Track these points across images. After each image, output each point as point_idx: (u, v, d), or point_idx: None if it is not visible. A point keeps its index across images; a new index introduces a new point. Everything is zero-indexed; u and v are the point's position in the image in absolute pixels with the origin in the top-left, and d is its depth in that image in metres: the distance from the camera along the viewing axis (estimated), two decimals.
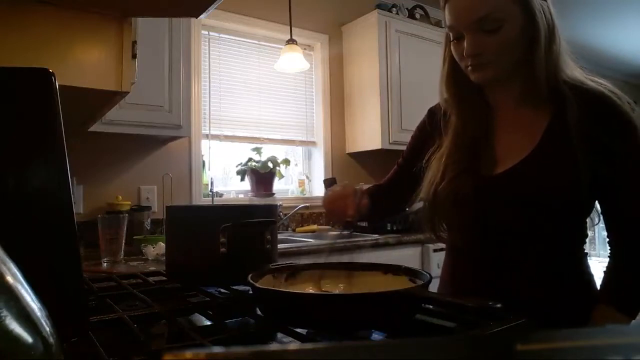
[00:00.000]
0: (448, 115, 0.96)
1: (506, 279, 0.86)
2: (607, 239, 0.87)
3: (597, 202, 0.87)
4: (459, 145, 0.90)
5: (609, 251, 0.87)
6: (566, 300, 0.85)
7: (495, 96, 0.93)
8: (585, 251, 0.91)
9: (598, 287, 0.89)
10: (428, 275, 0.67)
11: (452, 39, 0.89)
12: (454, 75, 0.93)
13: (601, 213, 0.87)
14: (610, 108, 0.82)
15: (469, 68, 0.87)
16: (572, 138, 0.81)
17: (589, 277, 0.89)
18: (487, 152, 0.89)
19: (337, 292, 0.74)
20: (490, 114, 0.93)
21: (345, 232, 1.01)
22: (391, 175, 1.13)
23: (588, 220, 0.89)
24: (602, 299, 0.84)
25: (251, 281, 0.65)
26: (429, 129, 1.02)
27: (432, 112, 1.04)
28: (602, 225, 0.91)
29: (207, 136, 2.59)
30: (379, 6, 2.92)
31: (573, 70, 0.87)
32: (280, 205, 2.64)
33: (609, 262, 0.86)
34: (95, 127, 1.88)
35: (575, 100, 0.82)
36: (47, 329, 0.30)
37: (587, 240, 0.91)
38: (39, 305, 0.30)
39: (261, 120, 2.81)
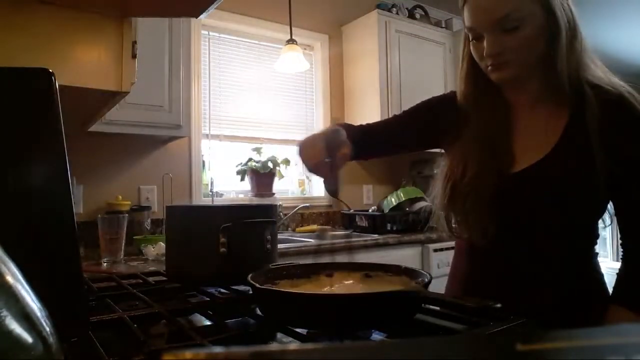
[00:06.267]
0: (466, 111, 0.94)
1: (520, 278, 0.87)
2: (620, 241, 0.88)
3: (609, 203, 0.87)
4: (478, 143, 0.90)
5: (621, 253, 0.87)
6: (578, 299, 0.86)
7: (513, 95, 0.92)
8: (596, 251, 0.91)
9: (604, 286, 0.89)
10: (428, 275, 0.67)
11: (471, 39, 0.88)
12: (473, 74, 0.92)
13: (615, 214, 0.87)
14: (627, 110, 0.82)
15: (489, 68, 0.86)
16: (590, 139, 0.80)
17: (600, 276, 0.90)
18: (505, 150, 0.89)
19: (337, 292, 0.74)
20: (508, 112, 0.92)
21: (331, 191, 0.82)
22: (383, 123, 1.09)
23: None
24: (615, 300, 0.85)
25: (251, 281, 0.65)
26: (447, 108, 0.98)
27: (455, 97, 0.98)
28: (601, 225, 0.91)
29: (207, 136, 2.59)
30: (379, 6, 2.92)
31: (596, 69, 0.86)
32: (280, 205, 2.64)
33: (621, 264, 0.86)
34: (95, 127, 1.88)
35: (595, 100, 0.82)
36: (47, 329, 0.30)
37: (597, 240, 0.91)
38: (39, 305, 0.30)
39: (261, 120, 2.81)
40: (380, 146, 1.08)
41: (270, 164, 2.59)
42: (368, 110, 2.91)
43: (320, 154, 0.81)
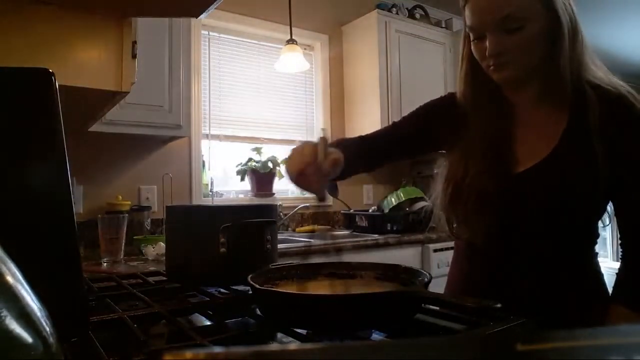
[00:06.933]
0: (466, 112, 0.94)
1: (521, 278, 0.87)
2: (620, 241, 0.88)
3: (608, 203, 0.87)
4: (479, 144, 0.89)
5: (620, 253, 0.87)
6: (578, 299, 0.86)
7: (514, 95, 0.92)
8: (596, 251, 0.91)
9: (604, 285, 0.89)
10: (428, 275, 0.67)
11: (472, 38, 0.87)
12: (473, 74, 0.92)
13: (615, 214, 0.87)
14: (627, 110, 0.82)
15: (491, 68, 0.86)
16: (591, 139, 0.80)
17: (600, 276, 0.90)
18: (507, 150, 0.89)
19: (336, 292, 0.74)
20: (509, 112, 0.92)
21: (323, 202, 0.81)
22: (382, 131, 1.09)
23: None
24: (615, 299, 0.85)
25: (251, 282, 0.65)
26: (446, 110, 0.98)
27: (453, 99, 0.98)
28: (600, 225, 0.91)
29: (207, 136, 2.59)
30: (379, 6, 2.92)
31: (597, 69, 0.86)
32: (280, 205, 2.64)
33: (621, 264, 0.87)
34: (95, 127, 1.88)
35: (595, 100, 0.82)
36: (47, 329, 0.30)
37: (597, 240, 0.91)
38: (39, 305, 0.30)
39: (261, 120, 2.81)
40: (381, 154, 1.05)
41: (270, 164, 2.59)
42: (368, 110, 2.91)
43: (307, 159, 0.75)
